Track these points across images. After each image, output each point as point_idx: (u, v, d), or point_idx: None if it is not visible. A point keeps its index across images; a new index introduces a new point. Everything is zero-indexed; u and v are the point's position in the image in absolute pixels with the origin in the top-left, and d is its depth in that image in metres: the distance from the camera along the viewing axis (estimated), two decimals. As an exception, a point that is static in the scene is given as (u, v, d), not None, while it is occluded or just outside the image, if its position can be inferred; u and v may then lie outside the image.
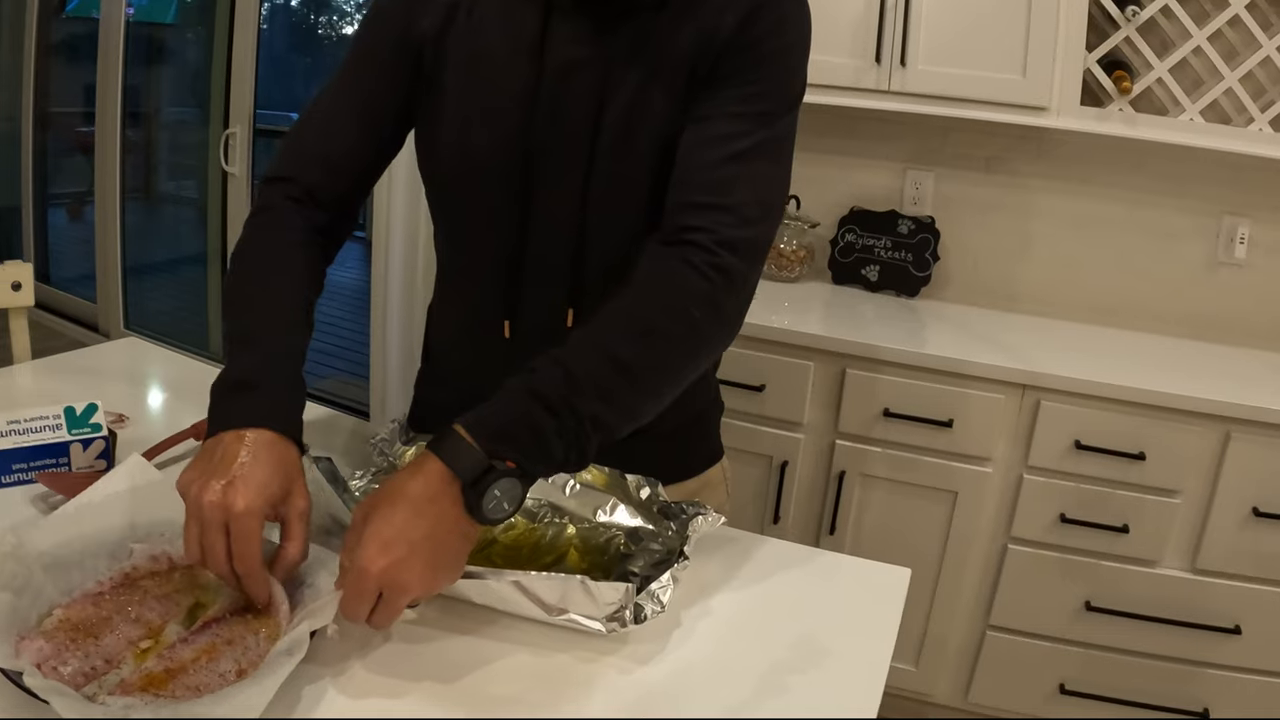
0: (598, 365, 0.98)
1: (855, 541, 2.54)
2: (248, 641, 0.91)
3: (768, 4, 1.12)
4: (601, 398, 0.97)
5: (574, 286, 1.21)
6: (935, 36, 2.44)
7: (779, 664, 0.98)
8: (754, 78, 1.12)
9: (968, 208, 2.87)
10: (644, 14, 1.13)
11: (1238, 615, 2.32)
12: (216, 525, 0.91)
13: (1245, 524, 2.26)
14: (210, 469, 0.94)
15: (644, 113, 1.13)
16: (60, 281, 5.08)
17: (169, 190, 5.04)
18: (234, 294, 1.14)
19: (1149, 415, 2.25)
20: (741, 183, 1.09)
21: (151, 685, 0.84)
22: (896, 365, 2.38)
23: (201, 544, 0.92)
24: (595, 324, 1.02)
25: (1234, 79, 2.40)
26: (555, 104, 1.15)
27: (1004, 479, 2.39)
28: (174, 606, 0.96)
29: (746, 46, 1.11)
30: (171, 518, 1.05)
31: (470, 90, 1.18)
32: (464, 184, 1.22)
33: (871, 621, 1.09)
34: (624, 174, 1.16)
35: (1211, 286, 2.74)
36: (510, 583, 0.94)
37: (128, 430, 1.37)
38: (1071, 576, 2.38)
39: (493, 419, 0.94)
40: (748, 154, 1.10)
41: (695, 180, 1.10)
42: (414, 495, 0.91)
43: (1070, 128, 2.45)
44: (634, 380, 1.00)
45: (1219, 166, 2.61)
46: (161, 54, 4.76)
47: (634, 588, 0.93)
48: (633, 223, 1.17)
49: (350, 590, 0.89)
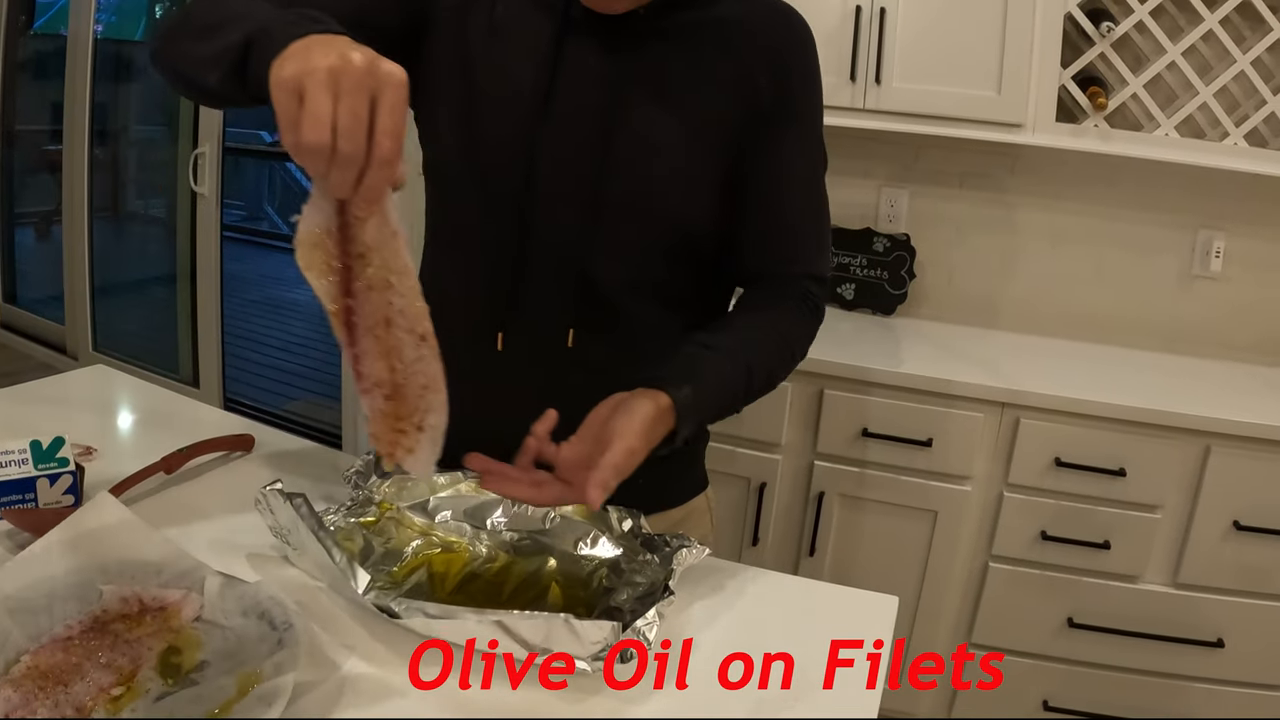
0: (760, 374, 1.17)
1: (836, 563, 2.52)
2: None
3: (793, 55, 1.21)
4: (750, 392, 1.16)
5: (579, 308, 1.19)
6: (910, 54, 2.43)
7: (768, 700, 0.96)
8: (796, 133, 1.22)
9: (943, 225, 2.87)
10: (658, 43, 1.16)
11: (1221, 629, 2.32)
12: (364, 91, 0.78)
13: (1227, 537, 2.26)
14: (329, 50, 0.79)
15: (659, 141, 1.16)
16: (27, 302, 5.02)
17: (137, 209, 4.98)
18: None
19: (1129, 431, 2.24)
20: (821, 230, 1.28)
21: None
22: (875, 385, 2.37)
23: (336, 117, 0.77)
24: (744, 328, 1.19)
25: (1208, 94, 2.41)
26: (565, 116, 1.15)
27: (984, 497, 2.38)
28: (146, 651, 0.93)
29: (789, 105, 1.20)
30: (143, 557, 1.02)
31: (481, 83, 1.17)
32: (465, 177, 1.20)
33: (861, 652, 1.06)
34: (637, 203, 1.17)
35: (1187, 300, 2.75)
36: (492, 623, 0.91)
37: (96, 463, 1.34)
38: (1053, 593, 2.37)
39: (705, 401, 1.09)
40: (819, 198, 1.26)
41: (788, 230, 1.24)
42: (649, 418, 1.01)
43: (1045, 144, 2.44)
44: (765, 385, 1.19)
45: (1194, 180, 2.61)
46: (130, 71, 4.70)
47: (620, 625, 0.90)
48: (648, 250, 1.20)
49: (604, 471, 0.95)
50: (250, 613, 0.96)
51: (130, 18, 4.74)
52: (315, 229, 0.84)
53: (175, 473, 1.30)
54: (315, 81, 0.77)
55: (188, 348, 4.25)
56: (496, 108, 1.18)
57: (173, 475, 1.30)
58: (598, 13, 1.15)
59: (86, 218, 4.40)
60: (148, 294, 4.77)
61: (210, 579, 0.99)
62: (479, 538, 1.17)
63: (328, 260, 0.84)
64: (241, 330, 5.49)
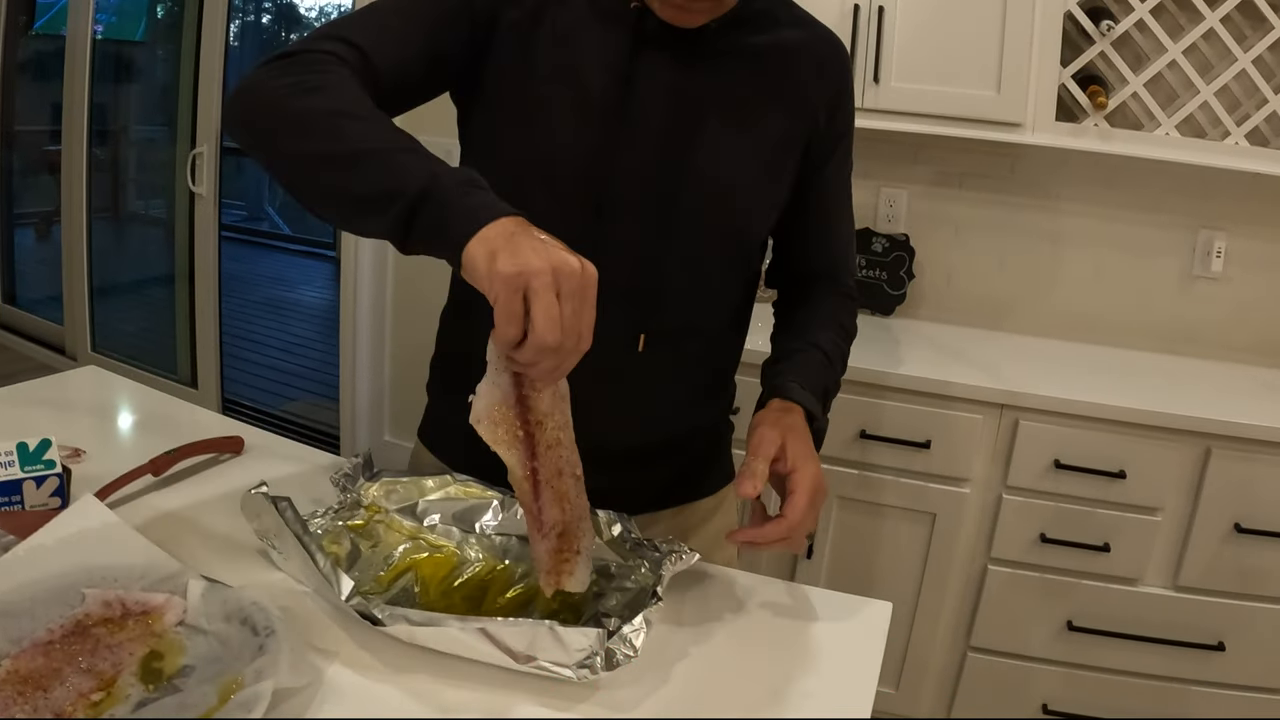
0: (837, 352, 1.33)
1: (833, 565, 2.51)
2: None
3: (846, 85, 1.32)
4: (840, 371, 1.33)
5: (648, 313, 1.21)
6: (909, 53, 2.42)
7: (758, 707, 0.95)
8: (841, 152, 1.35)
9: (942, 225, 2.86)
10: (727, 61, 1.19)
11: (1221, 632, 2.31)
12: (581, 294, 0.86)
13: (1227, 540, 2.25)
14: (538, 246, 0.86)
15: (731, 159, 1.20)
16: (27, 303, 5.01)
17: (137, 209, 4.97)
18: (346, 113, 0.99)
19: (1129, 433, 2.23)
20: (853, 234, 1.45)
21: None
22: (872, 386, 2.35)
23: (563, 318, 0.85)
24: (819, 323, 1.35)
25: (1209, 92, 2.40)
26: (637, 126, 1.16)
27: (983, 499, 2.37)
28: (127, 656, 0.92)
29: (841, 134, 1.33)
30: (126, 561, 1.01)
31: (549, 91, 1.17)
32: (534, 188, 1.16)
33: (853, 658, 1.05)
34: (709, 219, 1.21)
35: (1188, 300, 2.74)
36: (476, 630, 0.90)
37: (84, 465, 1.33)
38: (1053, 596, 2.36)
39: (813, 383, 1.26)
40: (850, 204, 1.41)
41: (833, 241, 1.40)
42: (803, 427, 1.20)
43: (1045, 143, 2.44)
44: (844, 364, 1.36)
45: (1194, 180, 2.61)
46: (130, 72, 4.70)
47: (605, 633, 0.89)
48: (712, 261, 1.25)
49: (806, 494, 1.13)
50: (233, 618, 0.95)
51: (130, 18, 4.73)
52: (495, 405, 0.92)
53: (163, 475, 1.29)
54: (543, 284, 0.83)
55: (186, 348, 4.24)
56: (567, 114, 1.17)
57: (160, 478, 1.29)
58: (671, 26, 1.15)
59: (85, 218, 4.38)
60: (147, 295, 4.75)
61: (193, 583, 0.98)
62: (468, 542, 1.16)
63: (513, 431, 0.93)
64: (241, 331, 5.49)
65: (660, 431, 1.30)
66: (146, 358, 4.42)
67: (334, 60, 1.04)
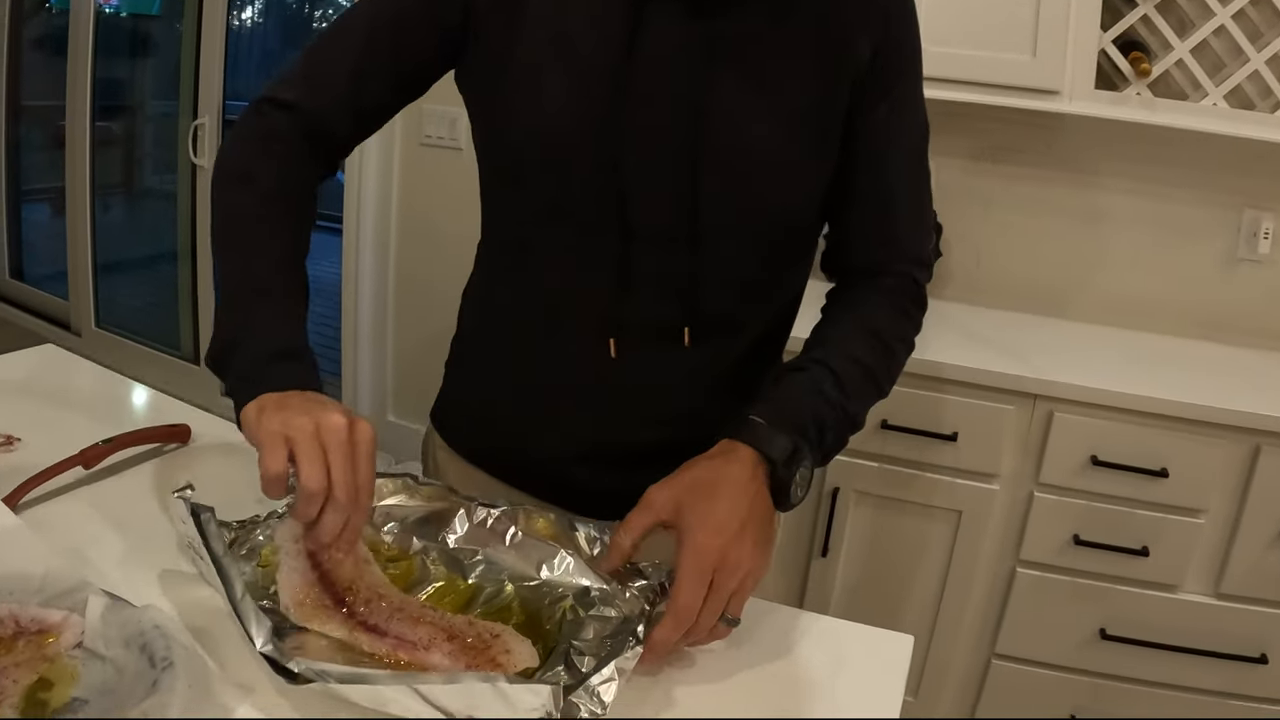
0: (855, 371, 1.11)
1: (849, 565, 2.43)
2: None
3: (897, 14, 1.12)
4: (859, 398, 1.11)
5: (690, 303, 1.13)
6: (937, 14, 2.29)
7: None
8: (899, 96, 1.14)
9: (972, 201, 2.76)
10: (745, 8, 1.06)
11: (1264, 643, 2.22)
12: (345, 449, 0.89)
13: (1274, 545, 2.17)
14: (309, 407, 0.91)
15: (755, 127, 1.08)
16: (34, 278, 5.01)
17: (152, 185, 4.97)
18: (247, 225, 1.08)
19: (1171, 428, 2.14)
20: (924, 208, 1.22)
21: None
22: (895, 372, 2.25)
23: (329, 469, 0.88)
24: (841, 333, 1.16)
25: (1260, 61, 2.28)
26: (648, 97, 1.06)
27: (1012, 497, 2.29)
28: (10, 684, 0.79)
29: (898, 72, 1.13)
30: (24, 571, 0.89)
31: (551, 70, 1.07)
32: (547, 178, 1.11)
33: (870, 701, 0.93)
34: (737, 188, 1.09)
35: (1232, 285, 2.65)
36: (408, 689, 0.76)
37: (16, 455, 1.20)
38: (1085, 602, 2.28)
39: (789, 411, 1.03)
40: (921, 172, 1.19)
41: (898, 220, 1.20)
42: (734, 478, 0.97)
43: (1084, 113, 2.34)
44: (877, 388, 1.16)
45: (1241, 155, 2.50)
46: (146, 46, 4.70)
47: (560, 690, 0.74)
48: (756, 233, 1.13)
49: (689, 574, 0.90)
50: (132, 643, 0.82)
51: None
52: (297, 588, 0.92)
53: (94, 468, 1.17)
54: (304, 435, 0.87)
55: (189, 323, 4.24)
56: (575, 88, 1.07)
57: (91, 471, 1.16)
58: None
59: (88, 193, 4.37)
60: (151, 270, 4.77)
61: (93, 600, 0.85)
62: (428, 554, 1.02)
63: (323, 604, 0.92)
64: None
65: (688, 430, 1.15)
66: (150, 333, 4.42)
67: (277, 133, 1.11)
